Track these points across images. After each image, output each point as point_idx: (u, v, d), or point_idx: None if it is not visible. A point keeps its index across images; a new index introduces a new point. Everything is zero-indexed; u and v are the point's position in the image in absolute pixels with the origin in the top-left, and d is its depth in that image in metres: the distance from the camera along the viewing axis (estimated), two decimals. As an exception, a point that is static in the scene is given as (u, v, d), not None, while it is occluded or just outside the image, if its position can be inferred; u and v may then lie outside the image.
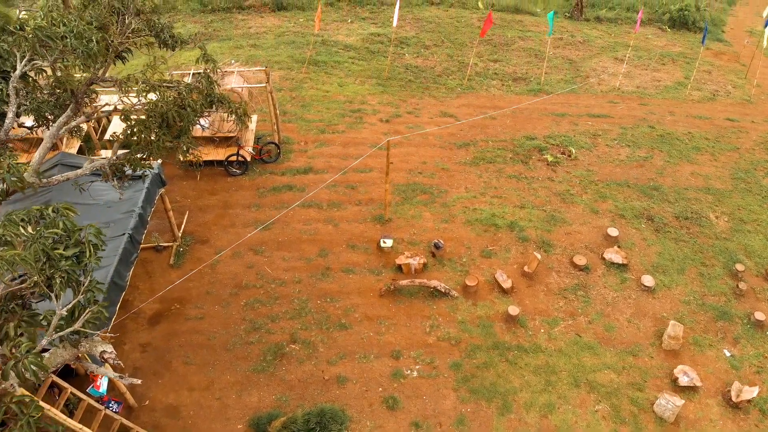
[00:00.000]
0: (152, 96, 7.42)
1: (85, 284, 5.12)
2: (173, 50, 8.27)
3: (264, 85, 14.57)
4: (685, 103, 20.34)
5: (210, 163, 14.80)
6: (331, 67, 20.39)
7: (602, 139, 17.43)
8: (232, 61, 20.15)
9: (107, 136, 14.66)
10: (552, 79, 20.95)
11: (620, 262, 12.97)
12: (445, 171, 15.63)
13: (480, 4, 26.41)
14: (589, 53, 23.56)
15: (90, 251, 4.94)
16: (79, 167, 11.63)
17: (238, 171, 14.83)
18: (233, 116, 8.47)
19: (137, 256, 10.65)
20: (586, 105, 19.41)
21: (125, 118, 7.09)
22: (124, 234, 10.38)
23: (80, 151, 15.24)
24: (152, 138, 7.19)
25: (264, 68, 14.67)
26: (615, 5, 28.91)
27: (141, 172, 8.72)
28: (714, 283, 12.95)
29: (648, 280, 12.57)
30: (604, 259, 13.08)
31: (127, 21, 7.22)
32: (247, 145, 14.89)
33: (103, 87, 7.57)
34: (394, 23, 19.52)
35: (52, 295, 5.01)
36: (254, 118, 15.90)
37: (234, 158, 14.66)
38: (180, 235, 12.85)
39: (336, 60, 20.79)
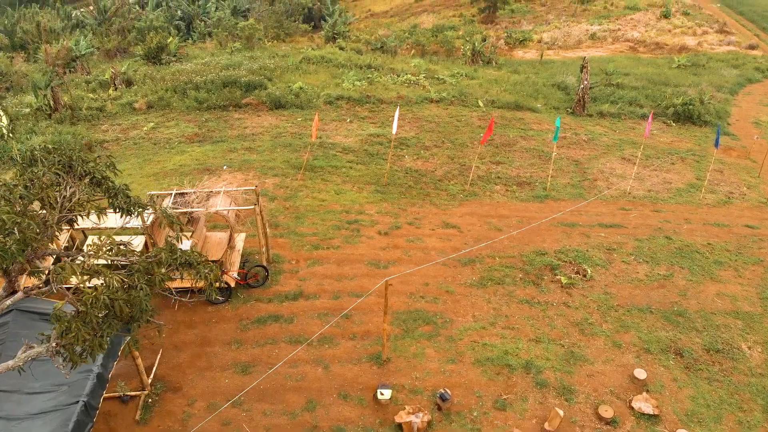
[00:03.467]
0: (96, 281, 6.20)
1: None
2: (129, 216, 7.14)
3: (253, 207, 13.46)
4: (701, 209, 19.25)
5: (190, 290, 13.44)
6: (328, 172, 19.47)
7: (618, 254, 16.16)
8: (224, 167, 19.34)
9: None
10: (558, 183, 19.98)
11: (651, 413, 11.34)
12: (449, 294, 14.25)
13: (480, 103, 25.99)
14: (594, 153, 22.79)
15: None
16: (37, 313, 10.32)
17: (220, 299, 13.47)
18: (202, 281, 7.19)
19: (93, 425, 9.12)
20: (596, 213, 18.31)
21: (56, 318, 5.83)
22: (77, 402, 8.92)
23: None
24: (93, 333, 5.88)
25: (254, 188, 13.64)
26: (617, 99, 28.55)
27: None
28: (756, 433, 11.30)
29: (686, 438, 10.91)
30: (632, 408, 11.46)
31: (68, 191, 6.09)
32: (232, 270, 13.61)
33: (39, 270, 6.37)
34: (394, 131, 18.76)
35: None
36: (242, 236, 14.72)
37: (217, 284, 13.31)
38: (150, 382, 11.32)
39: (333, 165, 19.92)
